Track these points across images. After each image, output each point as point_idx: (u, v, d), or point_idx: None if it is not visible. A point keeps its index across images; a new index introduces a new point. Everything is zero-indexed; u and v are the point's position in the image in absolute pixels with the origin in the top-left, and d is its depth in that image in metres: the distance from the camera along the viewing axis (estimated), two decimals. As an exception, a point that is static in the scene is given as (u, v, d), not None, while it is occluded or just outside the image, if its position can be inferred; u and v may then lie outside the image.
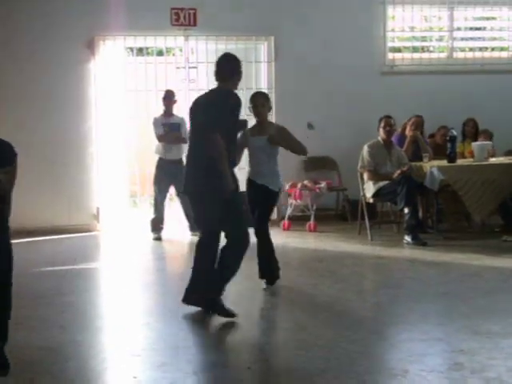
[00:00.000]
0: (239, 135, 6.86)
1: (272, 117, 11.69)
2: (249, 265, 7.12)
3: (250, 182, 7.32)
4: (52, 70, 11.13)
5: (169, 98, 10.65)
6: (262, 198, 7.17)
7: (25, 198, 10.57)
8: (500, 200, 9.92)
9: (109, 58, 11.50)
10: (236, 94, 6.45)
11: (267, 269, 7.35)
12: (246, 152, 7.42)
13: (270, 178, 7.24)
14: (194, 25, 11.51)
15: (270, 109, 7.41)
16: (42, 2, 11.09)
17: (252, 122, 7.40)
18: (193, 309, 6.61)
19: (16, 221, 5.45)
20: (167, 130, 10.39)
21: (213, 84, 11.08)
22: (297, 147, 7.41)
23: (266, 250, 7.30)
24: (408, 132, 10.84)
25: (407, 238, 9.71)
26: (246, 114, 7.69)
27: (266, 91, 11.67)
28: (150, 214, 10.75)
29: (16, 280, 5.17)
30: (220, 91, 6.50)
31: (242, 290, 7.22)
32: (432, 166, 9.91)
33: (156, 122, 10.52)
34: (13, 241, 3.95)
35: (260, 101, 7.25)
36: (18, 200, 5.56)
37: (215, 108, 6.29)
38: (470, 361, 4.98)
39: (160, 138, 10.45)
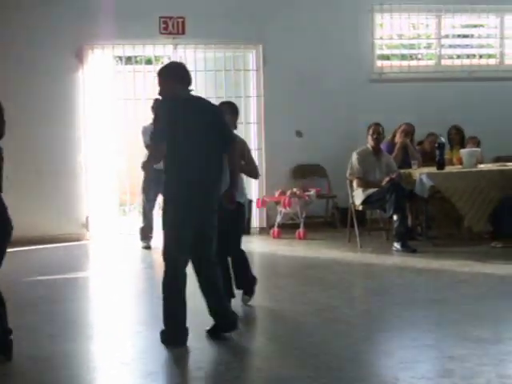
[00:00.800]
0: None
1: (261, 125, 11.75)
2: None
3: None
4: (40, 79, 11.10)
5: (155, 106, 10.61)
6: (234, 214, 6.57)
7: (13, 208, 10.52)
8: (491, 209, 9.93)
9: (97, 66, 11.48)
10: None
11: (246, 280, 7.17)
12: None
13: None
14: (183, 33, 11.51)
15: (236, 119, 7.02)
16: (30, 11, 11.05)
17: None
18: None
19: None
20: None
21: (201, 93, 11.15)
22: (252, 167, 7.07)
23: (244, 264, 7.04)
24: (398, 139, 10.87)
25: (396, 245, 9.72)
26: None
27: (255, 99, 11.75)
28: (139, 223, 10.74)
29: (5, 289, 5.16)
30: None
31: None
32: (421, 173, 9.93)
33: (145, 131, 10.46)
34: (1, 250, 3.93)
35: (227, 111, 6.81)
36: (6, 209, 5.54)
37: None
38: (460, 367, 4.98)
39: (148, 147, 10.39)
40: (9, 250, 5.59)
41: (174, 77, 6.18)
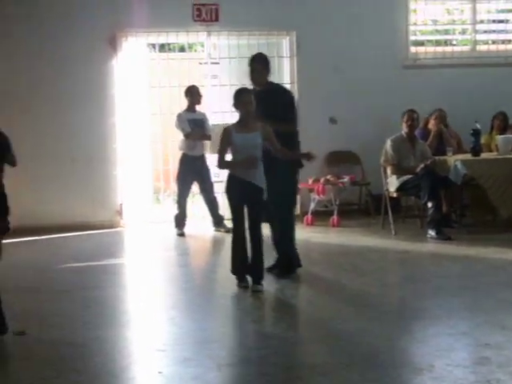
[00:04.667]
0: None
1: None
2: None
3: (238, 180, 7.02)
4: (74, 67, 11.15)
5: (193, 93, 10.59)
6: (256, 198, 6.99)
7: (48, 195, 10.62)
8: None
9: (131, 54, 11.51)
10: None
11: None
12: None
13: (259, 175, 7.05)
14: (216, 20, 11.51)
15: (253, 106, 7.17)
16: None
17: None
18: (218, 304, 6.64)
19: (40, 217, 5.50)
20: (192, 126, 10.38)
21: (235, 79, 11.16)
22: (277, 147, 7.15)
23: (260, 249, 7.14)
24: (432, 126, 10.80)
25: (431, 233, 9.66)
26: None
27: (288, 86, 11.71)
28: (174, 210, 10.77)
29: (41, 276, 5.19)
30: None
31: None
32: (456, 160, 9.86)
33: (181, 118, 10.48)
34: (37, 237, 3.87)
35: (250, 98, 7.06)
36: (41, 197, 5.58)
37: None
38: (496, 355, 4.94)
39: (187, 135, 10.39)
40: (43, 237, 5.65)
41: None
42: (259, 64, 7.71)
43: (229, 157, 7.28)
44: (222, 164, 7.18)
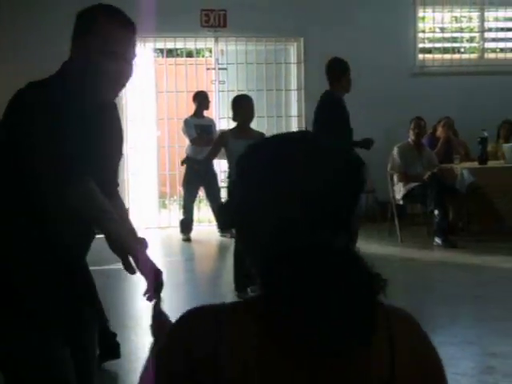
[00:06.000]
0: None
1: (301, 118, 11.73)
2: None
3: None
4: (83, 72, 11.17)
5: (201, 98, 10.58)
6: None
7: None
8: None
9: (139, 59, 11.51)
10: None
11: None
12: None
13: None
14: (224, 26, 11.53)
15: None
16: (74, 4, 11.11)
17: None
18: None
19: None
20: (199, 131, 10.38)
21: (242, 86, 11.18)
22: None
23: None
24: (440, 133, 10.80)
25: (437, 240, 9.65)
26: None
27: (295, 92, 11.77)
28: (180, 215, 10.78)
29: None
30: None
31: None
32: (463, 168, 9.86)
33: (188, 124, 10.49)
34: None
35: (252, 104, 7.21)
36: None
37: None
38: (502, 364, 4.94)
39: (193, 140, 10.38)
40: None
41: None
42: None
43: (225, 162, 7.34)
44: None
